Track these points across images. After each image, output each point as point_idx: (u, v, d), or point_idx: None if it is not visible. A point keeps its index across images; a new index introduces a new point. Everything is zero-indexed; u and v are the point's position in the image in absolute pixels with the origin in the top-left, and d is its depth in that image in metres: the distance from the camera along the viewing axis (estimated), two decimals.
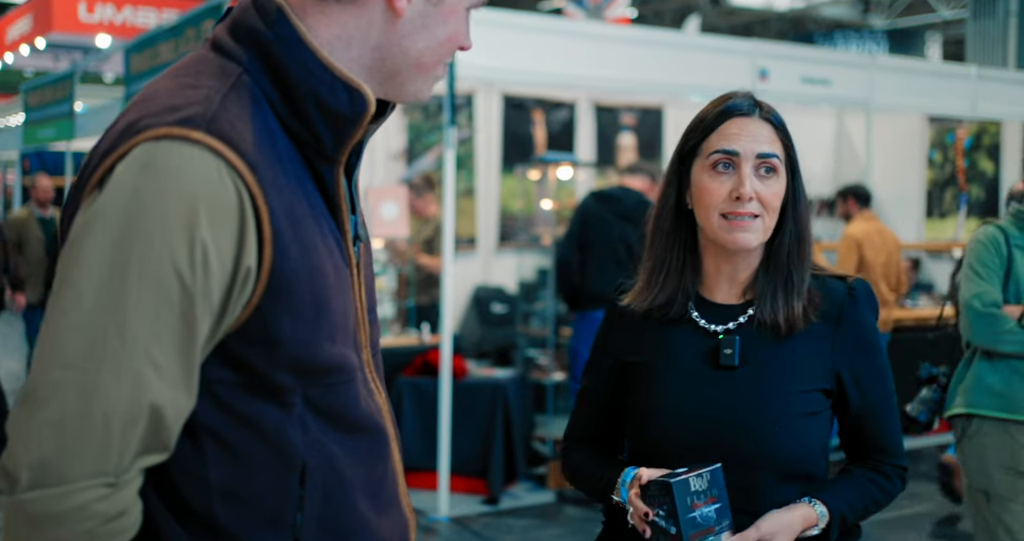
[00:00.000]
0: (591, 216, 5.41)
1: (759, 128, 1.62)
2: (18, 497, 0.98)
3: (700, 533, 1.51)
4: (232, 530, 1.08)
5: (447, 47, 1.19)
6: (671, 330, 1.68)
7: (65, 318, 1.00)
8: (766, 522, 1.56)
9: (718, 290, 1.68)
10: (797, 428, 1.60)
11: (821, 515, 1.59)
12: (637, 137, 7.81)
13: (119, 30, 12.33)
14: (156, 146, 1.02)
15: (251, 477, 1.08)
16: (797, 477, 1.61)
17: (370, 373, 1.21)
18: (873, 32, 18.93)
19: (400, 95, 1.20)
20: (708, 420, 1.60)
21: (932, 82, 7.39)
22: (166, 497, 1.07)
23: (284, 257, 1.06)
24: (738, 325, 1.65)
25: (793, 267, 1.65)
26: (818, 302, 1.65)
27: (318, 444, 1.11)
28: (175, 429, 1.03)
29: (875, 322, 1.69)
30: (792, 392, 1.61)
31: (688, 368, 1.65)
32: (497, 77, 5.82)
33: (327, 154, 1.13)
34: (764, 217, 1.61)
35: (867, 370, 1.66)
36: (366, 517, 1.16)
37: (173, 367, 1.01)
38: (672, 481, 1.51)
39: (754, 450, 1.58)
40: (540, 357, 6.11)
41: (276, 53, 1.11)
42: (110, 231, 1.00)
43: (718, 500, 1.53)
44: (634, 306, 1.71)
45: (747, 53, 6.35)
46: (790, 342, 1.63)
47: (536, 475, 5.73)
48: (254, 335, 1.06)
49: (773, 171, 1.62)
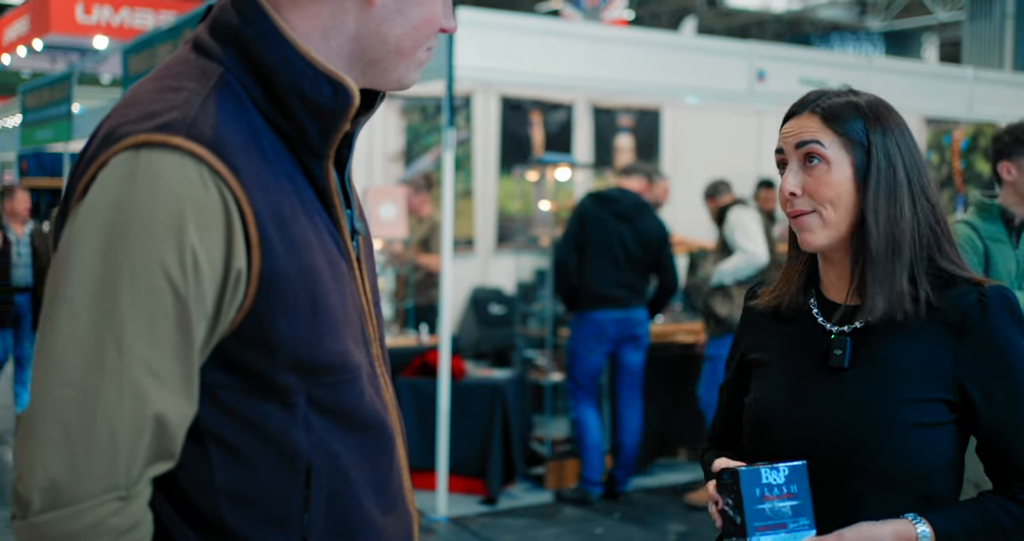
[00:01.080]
0: (589, 217, 5.43)
1: (805, 122, 1.57)
2: (31, 521, 0.98)
3: (768, 527, 1.44)
4: (241, 532, 1.08)
5: (425, 30, 1.17)
6: (791, 328, 1.64)
7: (61, 335, 0.99)
8: (850, 532, 1.46)
9: (832, 288, 1.62)
10: (905, 438, 1.49)
11: (922, 535, 1.46)
12: (635, 138, 7.82)
13: (116, 31, 12.32)
14: (137, 154, 1.01)
15: (256, 479, 1.08)
16: (906, 492, 1.50)
17: (379, 367, 1.21)
18: (870, 34, 18.95)
19: (384, 83, 1.19)
20: (810, 421, 1.54)
21: (929, 84, 7.42)
22: (175, 502, 1.07)
23: (273, 257, 1.05)
24: (853, 328, 1.57)
25: (869, 260, 1.53)
26: (936, 302, 1.53)
27: (323, 444, 1.11)
28: (179, 436, 1.03)
29: (1012, 331, 1.52)
30: (902, 400, 1.51)
31: (799, 367, 1.60)
32: (495, 78, 5.83)
33: (314, 149, 1.12)
34: (822, 210, 1.54)
35: (1000, 385, 1.51)
36: (372, 515, 1.16)
37: (173, 374, 1.01)
38: (741, 469, 1.45)
39: (853, 456, 1.50)
40: (538, 358, 6.12)
41: (256, 50, 1.10)
42: (97, 243, 1.00)
43: (796, 498, 1.46)
44: (763, 306, 1.69)
45: (744, 55, 6.37)
46: (906, 346, 1.53)
47: (534, 475, 5.74)
48: (251, 337, 1.06)
49: (819, 159, 1.53)
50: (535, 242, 6.43)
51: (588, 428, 5.44)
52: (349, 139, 1.20)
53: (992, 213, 3.16)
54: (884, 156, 1.54)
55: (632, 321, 5.46)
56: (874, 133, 1.55)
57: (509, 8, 10.98)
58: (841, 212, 1.54)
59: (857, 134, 1.54)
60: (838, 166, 1.54)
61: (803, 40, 18.24)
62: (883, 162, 1.54)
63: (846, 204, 1.54)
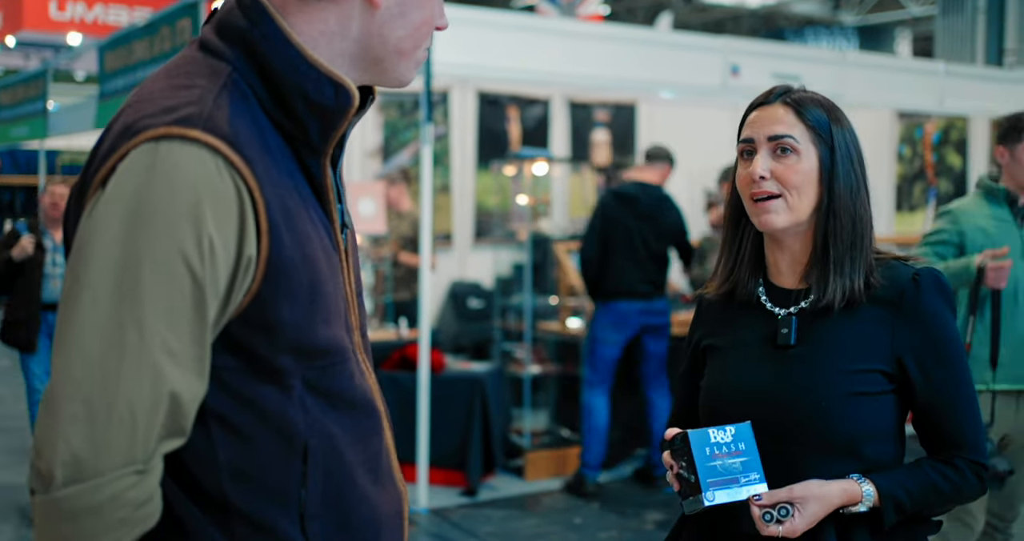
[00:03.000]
0: (610, 217, 5.52)
1: (776, 113, 1.67)
2: (53, 495, 1.01)
3: (720, 481, 1.54)
4: (243, 508, 1.13)
5: (423, 30, 1.24)
6: (742, 314, 1.74)
7: (83, 317, 1.04)
8: (799, 487, 1.57)
9: (781, 275, 1.73)
10: (848, 406, 1.60)
11: (867, 494, 1.58)
12: (611, 133, 7.88)
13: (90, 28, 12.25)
14: (156, 146, 1.06)
15: (257, 457, 1.13)
16: (849, 456, 1.61)
17: (360, 354, 1.27)
18: (843, 28, 19.10)
19: (385, 81, 1.26)
20: (762, 395, 1.65)
21: (901, 78, 7.50)
22: (181, 481, 1.12)
23: (281, 245, 1.11)
24: (800, 308, 1.68)
25: (833, 246, 1.65)
26: (876, 284, 1.65)
27: (318, 424, 1.17)
28: (191, 413, 1.08)
29: (945, 309, 1.65)
30: (845, 371, 1.62)
31: (751, 348, 1.70)
32: (472, 74, 5.88)
33: (314, 146, 1.18)
34: (787, 196, 1.64)
35: (934, 358, 1.63)
36: (365, 491, 1.22)
37: (188, 355, 1.06)
38: (690, 432, 1.56)
39: (802, 425, 1.61)
40: (517, 351, 6.17)
41: (262, 51, 1.15)
42: (118, 230, 1.04)
43: (744, 454, 1.56)
44: (713, 295, 1.79)
45: (719, 50, 6.44)
46: (847, 324, 1.64)
47: (514, 467, 5.79)
48: (255, 320, 1.11)
49: (791, 151, 1.64)
50: (513, 236, 6.48)
51: (596, 413, 5.53)
52: (342, 138, 1.25)
53: (999, 196, 3.36)
54: (845, 150, 1.67)
55: (655, 310, 5.57)
56: (835, 128, 1.67)
57: (485, 4, 11.00)
58: (804, 199, 1.65)
59: (823, 129, 1.66)
60: (807, 157, 1.65)
61: (777, 35, 18.36)
62: (845, 155, 1.67)
63: (809, 192, 1.65)
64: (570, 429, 6.05)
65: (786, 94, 1.68)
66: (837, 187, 1.65)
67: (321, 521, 1.17)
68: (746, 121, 1.71)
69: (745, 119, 1.72)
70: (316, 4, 1.18)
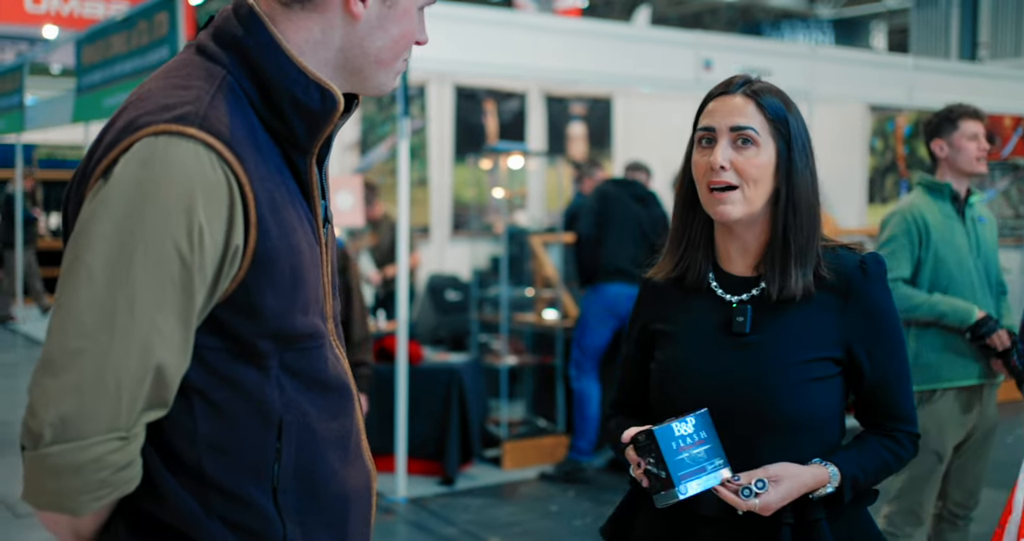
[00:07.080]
0: (610, 196, 5.69)
1: (738, 104, 1.68)
2: (41, 451, 1.11)
3: (690, 473, 1.59)
4: (218, 479, 1.22)
5: (402, 44, 1.33)
6: (692, 299, 1.77)
7: (79, 295, 1.13)
8: (775, 466, 1.63)
9: (732, 262, 1.76)
10: (801, 391, 1.66)
11: (833, 475, 1.65)
12: (587, 126, 7.96)
13: (66, 21, 12.23)
14: (156, 141, 1.15)
15: (234, 431, 1.22)
16: (800, 437, 1.67)
17: (334, 341, 1.35)
18: (819, 21, 19.24)
19: (366, 89, 1.35)
20: (718, 382, 1.68)
21: (871, 72, 7.61)
22: (160, 451, 1.21)
23: (267, 237, 1.20)
24: (751, 296, 1.72)
25: (790, 237, 1.69)
26: (825, 274, 1.69)
27: (293, 403, 1.25)
28: (174, 387, 1.17)
29: (887, 295, 1.73)
30: (798, 360, 1.67)
31: (704, 334, 1.73)
32: (449, 68, 5.93)
33: (301, 146, 1.28)
34: (744, 187, 1.67)
35: (879, 343, 1.71)
36: (335, 467, 1.31)
37: (175, 333, 1.15)
38: (655, 429, 1.59)
39: (758, 409, 1.66)
40: (493, 342, 6.24)
41: (256, 58, 1.25)
42: (117, 217, 1.13)
43: (707, 442, 1.61)
44: (660, 278, 1.81)
45: (692, 45, 6.52)
46: (799, 312, 1.69)
47: (491, 457, 5.86)
48: (240, 305, 1.20)
49: (751, 143, 1.67)
50: (490, 229, 6.54)
51: (589, 399, 5.62)
52: (329, 138, 1.34)
53: (944, 193, 3.41)
54: (800, 141, 1.71)
55: None
56: (792, 119, 1.71)
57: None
58: (760, 191, 1.69)
59: (781, 121, 1.70)
60: (765, 150, 1.68)
61: (754, 28, 18.48)
62: (801, 147, 1.71)
63: (765, 184, 1.69)
64: (546, 419, 6.13)
65: (747, 85, 1.71)
66: (795, 180, 1.68)
67: (293, 494, 1.26)
68: (705, 109, 1.73)
69: (704, 107, 1.74)
70: (301, 14, 1.27)
